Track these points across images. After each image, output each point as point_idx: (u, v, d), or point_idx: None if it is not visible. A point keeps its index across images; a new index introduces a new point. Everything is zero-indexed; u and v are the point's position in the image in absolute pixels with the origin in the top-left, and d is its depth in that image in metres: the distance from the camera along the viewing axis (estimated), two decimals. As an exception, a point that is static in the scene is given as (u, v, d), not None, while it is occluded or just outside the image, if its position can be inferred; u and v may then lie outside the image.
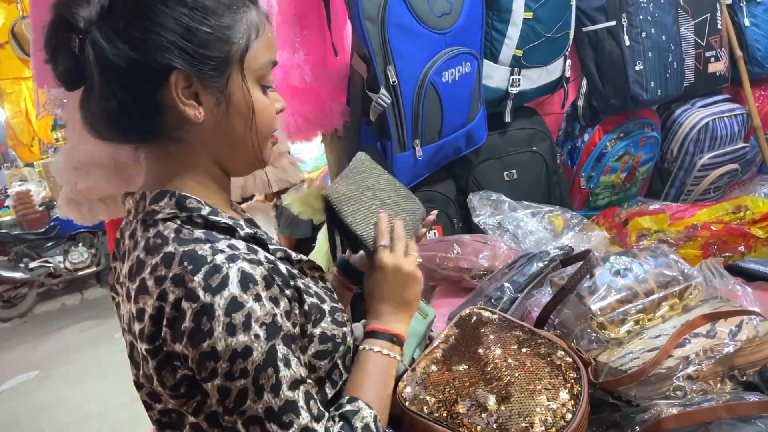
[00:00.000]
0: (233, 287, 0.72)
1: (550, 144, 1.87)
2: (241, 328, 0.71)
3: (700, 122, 1.99)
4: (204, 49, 0.76)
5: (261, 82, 0.83)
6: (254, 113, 0.82)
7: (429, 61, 1.54)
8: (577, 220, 1.46)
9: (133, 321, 0.76)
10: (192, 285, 0.71)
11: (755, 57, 2.10)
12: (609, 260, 1.09)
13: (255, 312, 0.73)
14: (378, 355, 0.90)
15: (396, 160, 1.57)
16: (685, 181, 2.06)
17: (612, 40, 1.80)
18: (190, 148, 0.82)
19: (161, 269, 0.74)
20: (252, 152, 0.85)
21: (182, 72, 0.76)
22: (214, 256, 0.73)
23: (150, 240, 0.77)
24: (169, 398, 0.77)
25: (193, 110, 0.78)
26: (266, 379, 0.72)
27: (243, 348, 0.71)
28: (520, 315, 1.18)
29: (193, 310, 0.71)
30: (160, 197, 0.80)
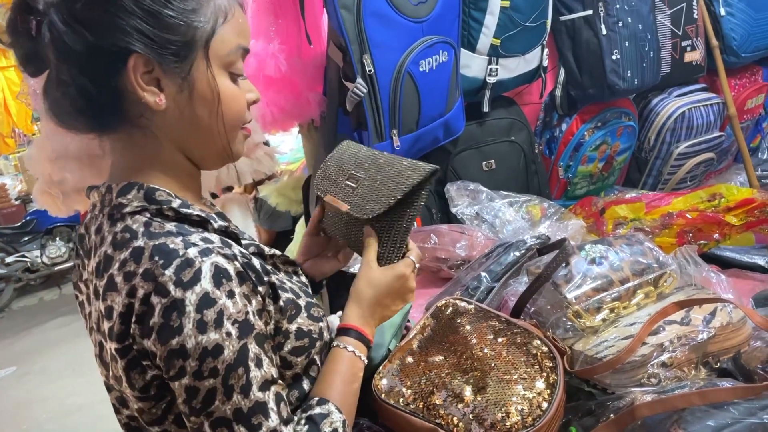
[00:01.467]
0: (206, 282, 0.69)
1: (528, 134, 1.87)
2: (212, 326, 0.69)
3: (676, 111, 2.00)
4: (165, 32, 0.73)
5: (230, 69, 0.80)
6: (220, 101, 0.78)
7: (406, 50, 1.52)
8: (554, 209, 1.46)
9: (102, 320, 0.73)
10: (162, 279, 0.69)
11: (731, 46, 2.11)
12: (584, 249, 1.09)
13: (227, 309, 0.70)
14: (351, 354, 0.88)
15: (373, 151, 1.56)
16: (662, 170, 2.07)
17: (589, 29, 1.80)
18: (154, 138, 0.79)
19: (130, 264, 0.71)
20: (219, 143, 0.81)
21: (142, 56, 0.72)
22: (187, 250, 0.71)
23: (118, 235, 0.74)
24: (137, 401, 0.74)
25: (153, 97, 0.75)
26: (236, 379, 0.70)
27: (214, 346, 0.69)
28: (497, 304, 1.17)
29: (163, 305, 0.68)
30: (127, 190, 0.77)
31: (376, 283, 0.93)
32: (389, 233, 0.98)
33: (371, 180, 1.03)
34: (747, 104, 2.22)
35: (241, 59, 0.81)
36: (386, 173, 1.01)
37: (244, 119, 0.84)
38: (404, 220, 0.98)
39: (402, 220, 0.98)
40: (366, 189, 1.02)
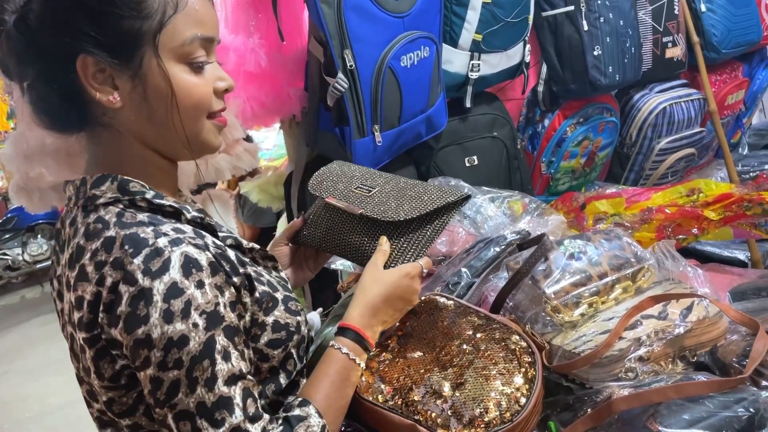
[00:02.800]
0: (174, 272, 0.69)
1: (510, 129, 1.87)
2: (179, 316, 0.68)
3: (657, 107, 2.02)
4: (109, 30, 0.72)
5: (188, 60, 0.78)
6: (174, 94, 0.76)
7: (387, 45, 1.52)
8: (535, 204, 1.46)
9: (73, 310, 0.73)
10: (131, 268, 0.69)
11: (711, 42, 2.13)
12: (563, 244, 1.10)
13: (195, 299, 0.70)
14: (344, 357, 0.86)
15: (355, 146, 1.55)
16: (644, 166, 2.09)
17: (571, 24, 1.80)
18: (119, 135, 0.79)
19: (101, 254, 0.71)
20: (180, 135, 0.79)
21: (89, 56, 0.72)
22: (156, 239, 0.71)
23: (90, 225, 0.74)
24: (106, 391, 0.74)
25: (106, 95, 0.75)
26: (201, 371, 0.69)
27: (179, 337, 0.68)
28: (477, 300, 1.17)
29: (130, 294, 0.68)
30: (101, 181, 0.77)
31: (383, 281, 0.92)
32: (405, 243, 0.98)
33: (395, 190, 1.03)
34: (727, 100, 2.24)
35: (200, 48, 0.78)
36: (417, 187, 1.02)
37: (209, 108, 0.81)
38: (424, 235, 0.98)
39: (421, 233, 0.98)
40: (387, 197, 1.02)
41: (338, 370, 0.85)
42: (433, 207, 0.98)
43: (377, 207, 1.01)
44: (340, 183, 1.10)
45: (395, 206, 1.00)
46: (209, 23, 0.80)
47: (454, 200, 0.99)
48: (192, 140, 0.81)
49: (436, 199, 0.99)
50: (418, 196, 1.01)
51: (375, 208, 1.01)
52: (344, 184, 1.10)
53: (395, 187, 1.05)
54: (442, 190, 1.02)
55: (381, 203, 1.02)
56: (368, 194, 1.05)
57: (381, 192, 1.04)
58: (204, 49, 0.79)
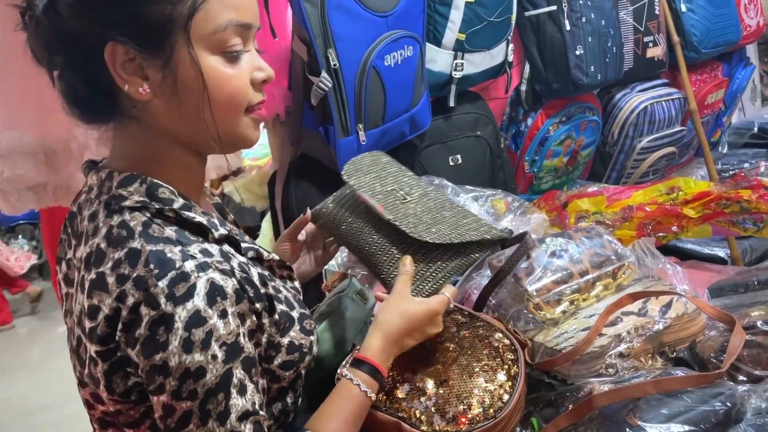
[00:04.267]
0: (198, 300, 0.66)
1: (494, 128, 1.88)
2: (198, 346, 0.66)
3: (639, 106, 2.03)
4: (138, 16, 0.68)
5: (223, 49, 0.72)
6: (206, 86, 0.71)
7: (370, 45, 1.52)
8: (518, 203, 1.47)
9: (84, 316, 0.70)
10: (154, 291, 0.66)
11: (691, 42, 2.15)
12: (545, 242, 1.11)
13: (217, 330, 0.67)
14: (362, 394, 0.83)
15: (339, 145, 1.55)
16: (626, 164, 2.11)
17: (553, 24, 1.81)
18: (148, 129, 0.75)
19: (124, 267, 0.68)
20: (211, 131, 0.74)
21: (118, 44, 0.68)
22: (184, 262, 0.68)
23: (114, 229, 0.71)
24: (114, 403, 0.72)
25: (135, 87, 0.70)
26: (215, 404, 0.67)
27: (197, 368, 0.66)
28: (461, 298, 1.18)
29: (151, 318, 0.65)
30: (129, 181, 0.73)
31: (409, 315, 0.87)
32: (425, 270, 0.92)
33: (432, 206, 0.97)
34: (707, 99, 2.27)
35: (236, 36, 0.73)
36: (455, 210, 0.96)
37: (247, 101, 0.76)
38: (447, 266, 0.92)
39: (445, 264, 0.92)
40: (422, 210, 0.97)
41: (353, 407, 0.82)
42: (468, 239, 0.92)
43: (409, 219, 0.95)
44: (376, 178, 1.04)
45: (428, 224, 0.93)
46: (246, 8, 0.74)
47: (491, 238, 0.92)
48: (225, 135, 0.76)
49: (473, 231, 0.92)
50: (455, 222, 0.94)
51: (406, 219, 0.95)
52: (380, 181, 1.03)
53: (433, 202, 0.98)
54: (480, 222, 0.95)
55: (414, 216, 0.95)
56: (403, 201, 0.98)
57: (417, 203, 0.98)
58: (240, 37, 0.73)
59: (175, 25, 0.69)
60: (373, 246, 0.98)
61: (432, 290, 0.92)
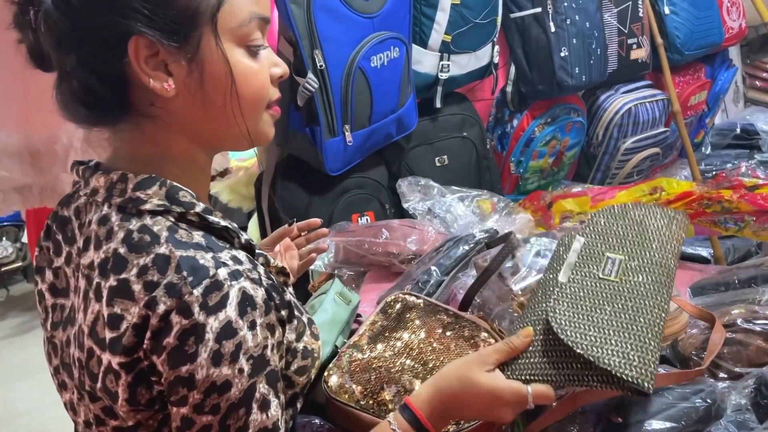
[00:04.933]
0: (230, 310, 0.64)
1: (480, 129, 1.90)
2: (227, 359, 0.63)
3: (623, 108, 2.06)
4: (164, 8, 0.65)
5: (247, 43, 0.70)
6: (234, 81, 0.69)
7: (357, 46, 1.53)
8: (504, 203, 1.49)
9: (103, 326, 0.66)
10: (188, 299, 0.62)
11: (675, 44, 2.18)
12: (530, 241, 1.12)
13: (246, 342, 0.64)
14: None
15: (326, 146, 1.56)
16: (610, 165, 2.13)
17: (538, 26, 1.83)
18: (166, 128, 0.71)
19: (153, 274, 0.64)
20: (238, 126, 0.71)
21: (142, 38, 0.65)
22: (217, 270, 0.64)
23: (134, 234, 0.66)
24: (135, 415, 0.68)
25: (160, 82, 0.67)
26: (235, 420, 0.65)
27: (223, 382, 0.64)
28: (446, 297, 1.19)
29: (182, 327, 0.62)
30: (147, 184, 0.69)
31: (469, 384, 0.77)
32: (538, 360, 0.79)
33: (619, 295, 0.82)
34: (690, 101, 2.29)
35: (257, 30, 0.71)
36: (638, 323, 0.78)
37: (269, 97, 0.75)
38: (560, 372, 0.77)
39: (558, 369, 0.77)
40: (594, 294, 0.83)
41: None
42: (598, 360, 0.73)
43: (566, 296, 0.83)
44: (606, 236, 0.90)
45: (580, 313, 0.80)
46: (265, 2, 0.73)
47: (626, 379, 0.72)
48: (250, 130, 0.73)
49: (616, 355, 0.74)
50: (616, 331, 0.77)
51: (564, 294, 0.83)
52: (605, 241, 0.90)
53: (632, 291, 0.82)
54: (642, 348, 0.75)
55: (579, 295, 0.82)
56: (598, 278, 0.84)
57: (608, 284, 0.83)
58: (260, 31, 0.72)
59: (202, 18, 0.67)
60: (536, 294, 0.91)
61: (522, 380, 0.79)
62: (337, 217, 1.64)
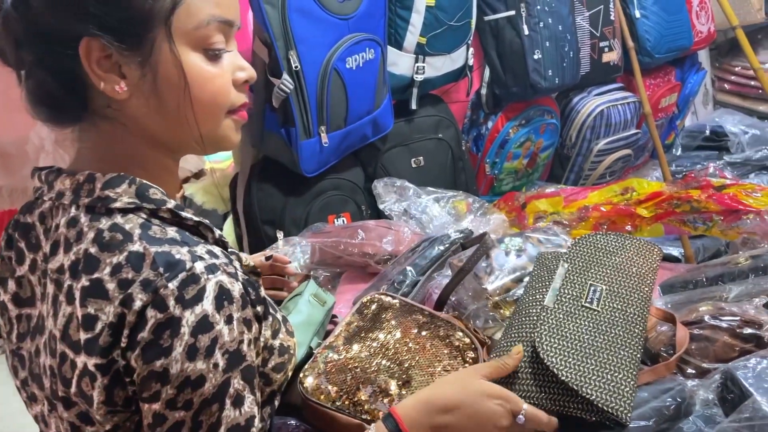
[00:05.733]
0: (207, 303, 0.63)
1: (455, 131, 1.91)
2: (202, 354, 0.62)
3: (595, 110, 2.09)
4: (116, 10, 0.64)
5: (205, 46, 0.69)
6: (187, 86, 0.68)
7: (332, 47, 1.53)
8: (479, 204, 1.50)
9: (76, 328, 0.65)
10: (164, 292, 0.61)
11: (645, 48, 2.22)
12: (504, 241, 1.13)
13: (222, 336, 0.63)
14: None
15: (301, 147, 1.56)
16: (583, 166, 2.16)
17: (512, 29, 1.85)
18: (123, 129, 0.70)
19: (127, 271, 0.63)
20: (193, 132, 0.71)
21: (95, 40, 0.64)
22: (194, 263, 0.63)
23: (105, 233, 0.65)
24: (112, 417, 0.67)
25: (112, 85, 0.66)
26: (208, 415, 0.64)
27: (197, 377, 0.63)
28: (422, 297, 1.20)
29: (157, 321, 0.61)
30: (116, 182, 0.68)
31: (463, 387, 0.79)
32: (525, 383, 0.84)
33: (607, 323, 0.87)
34: (661, 103, 2.34)
35: (218, 33, 0.69)
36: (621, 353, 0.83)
37: (229, 103, 0.73)
38: (543, 396, 0.82)
39: (542, 392, 0.82)
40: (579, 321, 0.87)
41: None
42: (580, 389, 0.79)
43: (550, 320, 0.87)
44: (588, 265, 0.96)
45: (564, 339, 0.84)
46: (229, 5, 0.71)
47: (607, 410, 0.78)
48: (207, 136, 0.73)
49: (598, 387, 0.79)
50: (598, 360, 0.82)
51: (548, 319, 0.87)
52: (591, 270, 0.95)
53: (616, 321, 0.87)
54: (609, 387, 0.80)
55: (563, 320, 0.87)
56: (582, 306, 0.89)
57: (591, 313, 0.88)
58: (222, 34, 0.70)
59: (156, 20, 0.66)
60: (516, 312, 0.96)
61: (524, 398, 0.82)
62: (313, 218, 1.64)
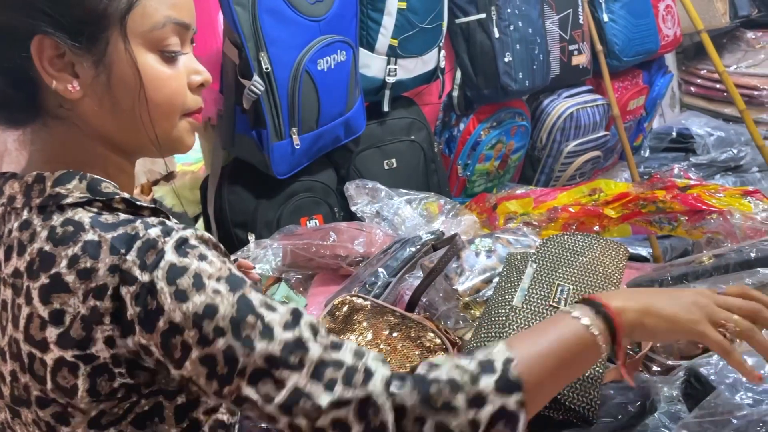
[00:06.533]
0: (170, 255, 0.61)
1: (427, 133, 1.92)
2: (192, 290, 0.60)
3: (565, 112, 2.12)
4: (71, 8, 0.63)
5: (160, 48, 0.69)
6: (143, 85, 0.67)
7: (303, 49, 1.52)
8: (450, 205, 1.51)
9: (39, 327, 0.63)
10: (126, 266, 0.61)
11: (613, 51, 2.25)
12: (474, 242, 1.14)
13: (204, 270, 0.61)
14: (570, 319, 0.66)
15: (273, 149, 1.55)
16: (554, 168, 2.19)
17: (483, 32, 1.86)
18: (76, 130, 0.69)
19: (85, 260, 0.62)
20: (148, 133, 0.70)
21: (48, 38, 0.63)
22: (147, 230, 0.63)
23: (57, 229, 0.64)
24: (97, 405, 0.65)
25: (64, 84, 0.66)
26: (250, 328, 0.61)
27: (205, 308, 0.60)
28: (393, 299, 1.20)
29: (133, 294, 0.60)
30: (67, 179, 0.67)
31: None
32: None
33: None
34: (629, 105, 2.38)
35: (174, 35, 0.70)
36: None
37: (184, 105, 0.72)
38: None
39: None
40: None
41: (559, 330, 0.66)
42: None
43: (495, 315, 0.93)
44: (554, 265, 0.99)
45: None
46: (184, 8, 0.71)
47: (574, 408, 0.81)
48: (162, 138, 0.72)
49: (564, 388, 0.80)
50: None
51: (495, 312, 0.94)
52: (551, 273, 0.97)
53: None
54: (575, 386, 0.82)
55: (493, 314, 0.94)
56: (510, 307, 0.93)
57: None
58: (178, 37, 0.70)
59: (110, 20, 0.65)
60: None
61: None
62: (285, 220, 1.63)
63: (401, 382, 0.61)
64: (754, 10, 2.93)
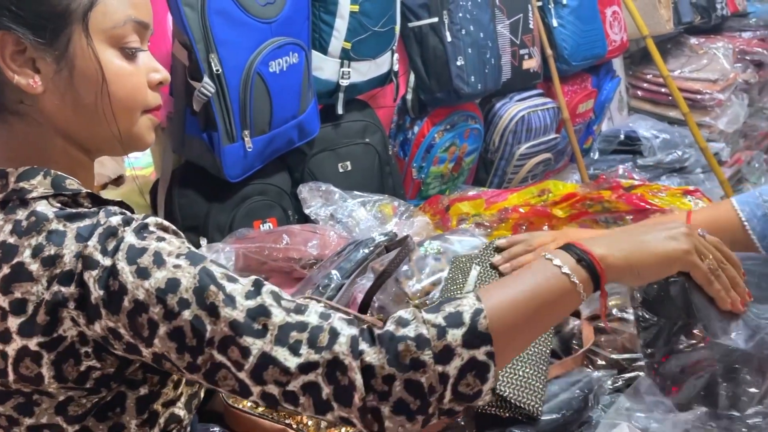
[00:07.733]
0: (129, 238, 0.63)
1: (382, 136, 1.93)
2: (153, 267, 0.62)
3: (517, 115, 2.15)
4: (33, 4, 0.65)
5: (120, 44, 0.70)
6: (105, 80, 0.69)
7: (254, 51, 1.51)
8: (404, 207, 1.52)
9: (5, 317, 0.64)
10: (87, 252, 0.62)
11: (563, 55, 2.31)
12: (424, 245, 1.15)
13: (163, 249, 0.63)
14: (551, 266, 0.66)
15: (224, 152, 1.53)
16: (506, 170, 2.22)
17: (435, 36, 1.88)
18: (37, 126, 0.70)
19: (49, 248, 0.63)
20: (110, 128, 0.71)
21: (9, 33, 0.65)
22: (108, 218, 0.64)
23: (22, 222, 0.65)
24: (66, 392, 0.65)
25: (26, 79, 0.67)
26: (213, 296, 0.62)
27: (167, 282, 0.61)
28: (347, 301, 1.20)
29: (95, 278, 0.62)
30: (31, 174, 0.68)
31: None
32: None
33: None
34: (579, 108, 2.43)
35: (134, 33, 0.72)
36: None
37: (145, 102, 0.74)
38: None
39: None
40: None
41: (537, 275, 0.66)
42: (500, 392, 0.83)
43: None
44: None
45: None
46: (143, 8, 0.73)
47: (521, 406, 0.83)
48: (123, 134, 0.73)
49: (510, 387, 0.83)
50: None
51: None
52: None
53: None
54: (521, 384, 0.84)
55: None
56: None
57: None
58: (138, 35, 0.72)
59: (73, 17, 0.67)
60: None
61: None
62: (238, 224, 1.62)
63: (369, 342, 0.62)
64: (697, 17, 3.04)
